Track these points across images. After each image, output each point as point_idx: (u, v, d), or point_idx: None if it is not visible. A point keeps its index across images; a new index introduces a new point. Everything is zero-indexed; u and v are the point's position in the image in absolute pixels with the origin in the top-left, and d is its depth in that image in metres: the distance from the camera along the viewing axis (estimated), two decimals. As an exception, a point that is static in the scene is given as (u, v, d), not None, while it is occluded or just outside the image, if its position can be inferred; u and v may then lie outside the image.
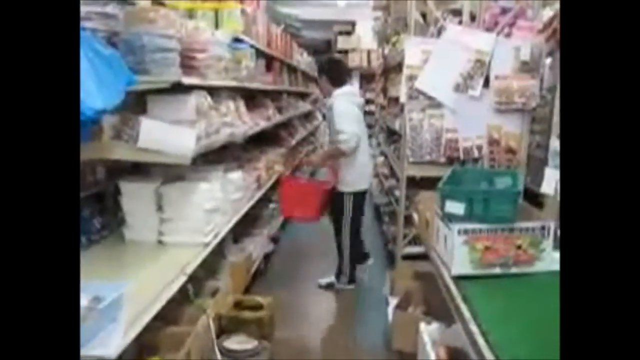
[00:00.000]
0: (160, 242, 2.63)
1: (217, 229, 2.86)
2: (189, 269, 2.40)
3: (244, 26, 3.38)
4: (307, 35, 13.75)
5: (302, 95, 8.26)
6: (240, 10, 3.29)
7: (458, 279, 2.24)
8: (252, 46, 3.59)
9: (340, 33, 13.07)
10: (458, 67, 3.96)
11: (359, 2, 10.62)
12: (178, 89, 2.35)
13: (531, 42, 3.43)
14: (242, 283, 3.56)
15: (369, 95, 12.63)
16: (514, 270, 2.24)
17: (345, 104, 4.15)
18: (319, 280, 4.41)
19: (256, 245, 3.93)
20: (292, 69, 6.72)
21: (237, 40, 3.23)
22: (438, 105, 4.03)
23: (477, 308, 1.96)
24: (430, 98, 4.02)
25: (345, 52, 12.90)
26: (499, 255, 2.24)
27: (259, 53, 4.15)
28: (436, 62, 4.00)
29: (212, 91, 3.05)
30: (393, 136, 6.11)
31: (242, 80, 3.29)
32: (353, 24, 13.02)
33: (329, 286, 4.36)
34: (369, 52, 12.60)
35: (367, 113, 10.35)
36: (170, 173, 2.70)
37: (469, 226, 2.20)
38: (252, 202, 3.85)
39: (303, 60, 8.40)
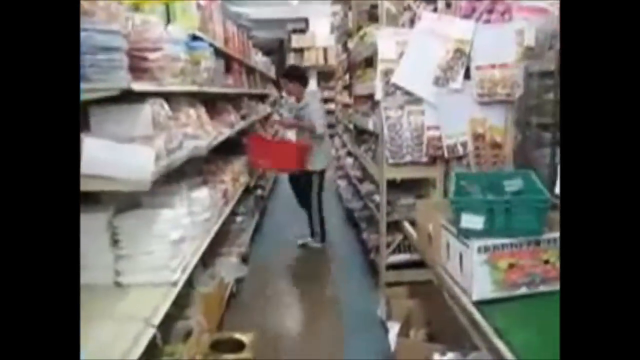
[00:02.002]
0: (117, 284, 2.18)
1: (186, 261, 2.43)
2: (156, 318, 1.96)
3: (200, 23, 2.95)
4: (259, 34, 13.31)
5: (261, 98, 7.82)
6: (196, 5, 2.84)
7: (480, 303, 1.90)
8: (210, 45, 3.15)
9: (294, 31, 12.68)
10: (437, 59, 3.65)
11: (311, -1, 10.29)
12: (128, 97, 1.91)
13: (536, 24, 3.10)
14: (216, 315, 3.14)
15: (327, 94, 12.33)
16: (542, 288, 1.92)
17: (316, 101, 5.17)
18: (298, 240, 5.29)
19: (228, 269, 3.50)
20: (251, 70, 6.29)
21: (194, 37, 2.79)
22: (417, 100, 3.72)
23: (508, 337, 1.64)
24: (408, 93, 3.71)
25: (300, 50, 12.52)
26: (525, 273, 1.92)
27: (218, 53, 3.71)
28: (413, 55, 3.68)
29: (169, 98, 2.61)
30: (362, 136, 5.77)
31: (202, 84, 2.86)
32: (306, 21, 12.65)
33: (304, 245, 5.24)
34: (325, 50, 12.26)
35: (327, 112, 10.03)
36: (125, 199, 2.25)
37: (490, 242, 1.88)
38: (221, 220, 3.42)
39: (259, 60, 7.96)
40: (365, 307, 3.78)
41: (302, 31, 12.74)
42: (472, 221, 1.90)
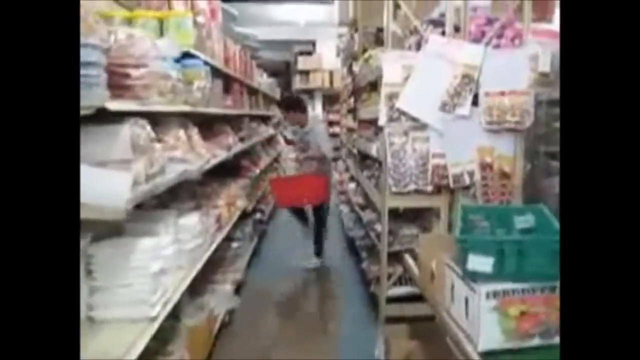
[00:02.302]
0: (90, 319, 2.00)
1: (169, 294, 2.25)
2: (131, 357, 1.77)
3: (196, 40, 2.81)
4: (266, 55, 13.30)
5: (264, 119, 7.70)
6: (191, 21, 2.71)
7: (487, 354, 1.71)
8: (206, 63, 3.01)
9: (301, 53, 12.63)
10: (444, 84, 3.51)
11: (319, 21, 10.21)
12: (107, 117, 1.75)
13: (551, 49, 2.95)
14: (203, 349, 2.93)
15: (332, 117, 12.23)
16: (557, 340, 1.73)
17: (320, 124, 5.61)
18: (305, 264, 5.32)
19: (218, 300, 3.30)
20: (253, 91, 6.17)
21: (187, 55, 2.65)
22: (422, 127, 3.56)
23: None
24: (413, 119, 3.55)
25: (307, 72, 12.45)
26: (539, 322, 1.73)
27: (215, 72, 3.58)
28: (419, 79, 3.54)
29: (158, 119, 2.46)
30: (365, 161, 5.61)
31: (195, 104, 2.71)
32: (314, 43, 12.61)
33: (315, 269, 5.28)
34: (331, 73, 12.18)
35: (331, 135, 9.91)
36: (104, 226, 2.07)
37: (500, 287, 1.70)
38: (213, 247, 3.24)
39: (263, 81, 7.85)
40: (363, 344, 3.56)
41: (309, 53, 12.69)
42: (481, 262, 1.71)
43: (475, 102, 3.47)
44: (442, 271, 2.04)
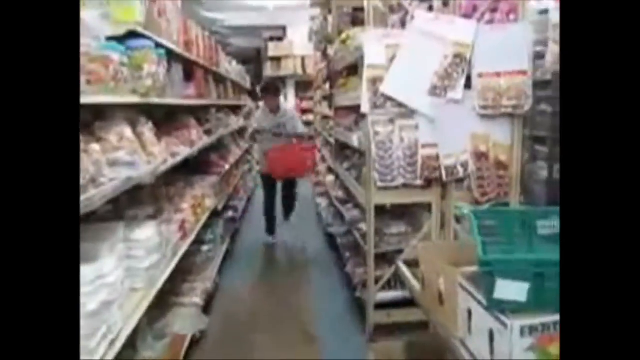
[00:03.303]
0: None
1: (117, 329, 1.82)
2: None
3: (145, 18, 2.35)
4: (236, 43, 12.75)
5: (234, 109, 7.21)
6: (139, -3, 2.23)
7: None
8: (160, 46, 2.55)
9: (271, 39, 12.10)
10: (433, 65, 3.14)
11: (289, 3, 9.70)
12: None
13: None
14: (167, 381, 2.52)
15: (305, 105, 11.77)
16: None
17: (290, 107, 6.40)
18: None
19: (184, 321, 2.86)
20: (221, 79, 5.69)
21: (134, 35, 2.19)
22: (410, 113, 3.19)
23: None
24: (400, 105, 3.17)
25: (278, 59, 11.94)
26: (585, 362, 1.36)
27: (174, 57, 3.12)
28: (405, 60, 3.16)
29: (97, 112, 2.01)
30: (344, 151, 5.22)
31: (146, 93, 2.26)
32: (284, 28, 12.09)
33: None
34: (303, 59, 11.70)
35: (305, 123, 9.49)
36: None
37: (538, 320, 1.33)
38: (176, 260, 2.81)
39: (232, 69, 7.35)
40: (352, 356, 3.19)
41: (280, 39, 12.17)
42: (512, 290, 1.34)
43: (468, 85, 3.14)
44: (454, 292, 1.65)
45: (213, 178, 4.42)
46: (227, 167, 5.04)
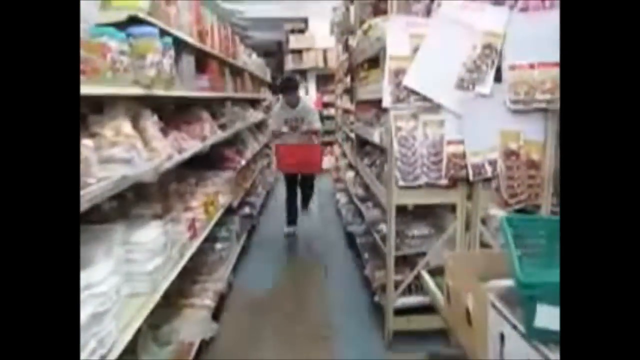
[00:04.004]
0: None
1: (111, 339, 1.66)
2: None
3: (150, 5, 2.19)
4: (256, 35, 12.58)
5: (253, 102, 7.05)
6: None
7: None
8: (166, 34, 2.38)
9: (292, 31, 11.88)
10: (460, 56, 2.93)
11: (311, -5, 9.49)
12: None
13: None
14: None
15: (326, 98, 11.55)
16: None
17: (308, 100, 6.21)
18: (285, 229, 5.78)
19: (190, 328, 2.70)
20: (238, 72, 5.52)
21: (135, 21, 2.03)
22: (435, 108, 2.98)
23: None
24: (424, 99, 2.96)
25: (299, 51, 11.73)
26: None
27: (184, 47, 2.95)
28: (430, 51, 2.95)
29: (94, 105, 1.85)
30: (365, 147, 5.02)
31: (149, 85, 2.09)
32: (305, 20, 11.87)
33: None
34: (325, 51, 11.45)
35: (326, 117, 9.26)
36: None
37: (586, 354, 1.11)
38: (184, 260, 2.65)
39: (252, 61, 7.18)
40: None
41: (301, 31, 11.95)
42: (556, 317, 1.12)
43: (498, 78, 2.91)
44: (484, 313, 1.45)
45: (228, 174, 4.26)
46: (243, 162, 4.88)
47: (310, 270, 4.68)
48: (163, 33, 2.34)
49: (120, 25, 1.99)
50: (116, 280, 1.75)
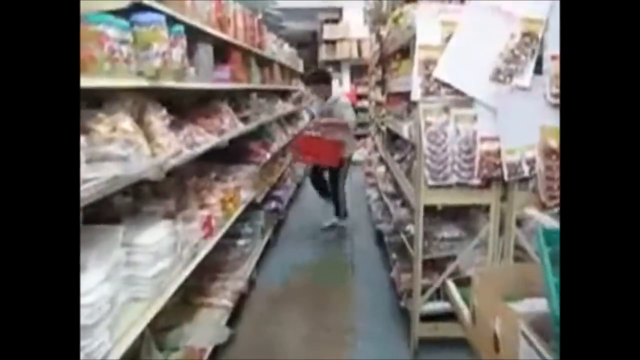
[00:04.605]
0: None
1: (103, 351, 1.54)
2: None
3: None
4: (290, 25, 12.43)
5: (283, 94, 6.89)
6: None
7: None
8: (177, 21, 2.24)
9: (327, 21, 11.68)
10: (497, 45, 2.69)
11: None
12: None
13: None
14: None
15: (360, 90, 11.32)
16: None
17: (343, 95, 5.76)
18: (324, 222, 5.69)
19: (201, 333, 2.55)
20: (266, 62, 5.38)
21: (140, 8, 1.88)
22: (468, 102, 2.77)
23: None
24: (456, 92, 2.74)
25: (333, 42, 11.53)
26: None
27: (202, 36, 2.81)
28: (463, 40, 2.73)
29: (94, 99, 1.73)
30: (395, 141, 4.81)
31: (155, 76, 1.95)
32: (340, 10, 11.65)
33: (332, 226, 5.66)
34: (359, 42, 11.22)
35: (360, 110, 9.03)
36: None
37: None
38: (196, 262, 2.53)
39: (283, 51, 7.03)
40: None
41: (335, 21, 11.73)
42: None
43: (538, 69, 2.67)
44: (513, 342, 1.26)
45: (252, 167, 4.13)
46: (268, 155, 4.74)
47: (336, 268, 4.52)
48: (174, 21, 2.20)
49: (124, 13, 1.86)
50: (110, 288, 1.62)
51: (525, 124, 2.75)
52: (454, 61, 2.72)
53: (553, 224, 3.33)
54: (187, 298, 3.04)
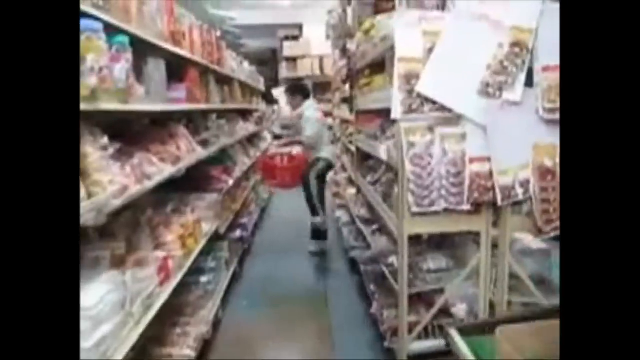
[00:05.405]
0: None
1: None
2: None
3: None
4: (249, 43, 12.14)
5: (244, 114, 6.54)
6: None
7: None
8: (120, 31, 1.88)
9: (287, 38, 11.42)
10: (485, 57, 2.45)
11: (305, 1, 9.02)
12: None
13: None
14: None
15: (323, 108, 11.04)
16: None
17: (311, 109, 5.27)
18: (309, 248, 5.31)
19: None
20: (226, 81, 5.03)
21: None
22: (455, 119, 2.50)
23: None
24: (442, 109, 2.47)
25: (294, 59, 11.27)
26: None
27: (152, 50, 2.45)
28: (448, 50, 2.47)
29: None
30: (367, 161, 4.53)
31: (91, 96, 1.57)
32: (300, 27, 11.42)
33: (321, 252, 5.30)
34: (321, 59, 11.00)
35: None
36: None
37: None
38: (150, 316, 2.14)
39: (242, 69, 6.69)
40: None
41: (295, 38, 11.49)
42: None
43: (529, 82, 2.43)
44: None
45: (213, 196, 3.75)
46: (231, 182, 4.36)
47: (310, 302, 4.14)
48: (116, 31, 1.84)
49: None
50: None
51: (518, 142, 2.51)
52: (438, 74, 2.45)
53: (541, 246, 3.10)
54: (147, 349, 2.63)
